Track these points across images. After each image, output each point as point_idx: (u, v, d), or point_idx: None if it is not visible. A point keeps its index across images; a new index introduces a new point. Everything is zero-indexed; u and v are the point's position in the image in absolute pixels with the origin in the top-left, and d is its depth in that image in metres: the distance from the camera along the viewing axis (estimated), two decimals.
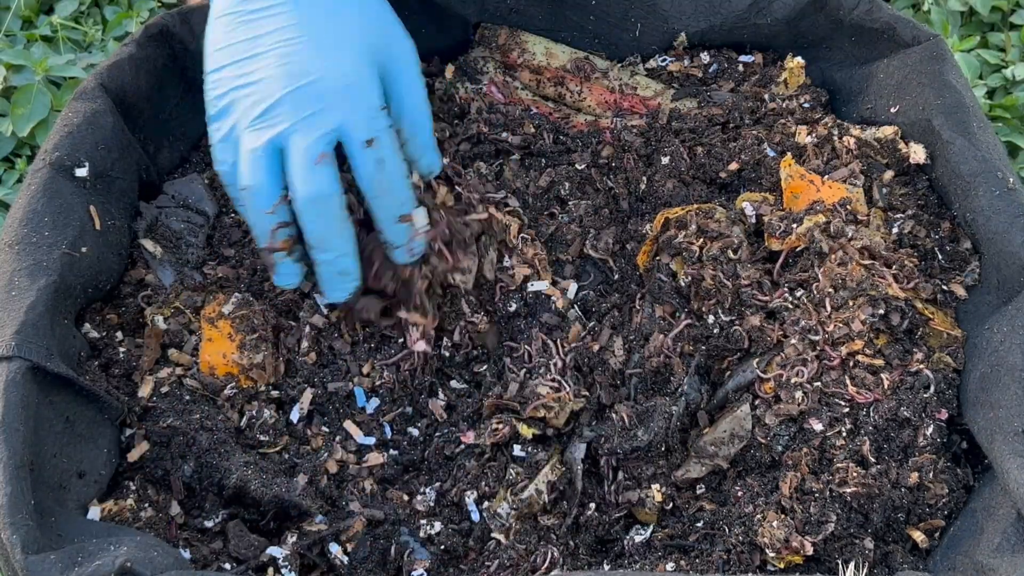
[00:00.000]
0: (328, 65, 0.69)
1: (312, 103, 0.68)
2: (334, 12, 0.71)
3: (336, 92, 0.69)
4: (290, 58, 0.69)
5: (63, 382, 0.67)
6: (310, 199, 0.68)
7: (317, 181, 0.68)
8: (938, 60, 0.83)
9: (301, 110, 0.68)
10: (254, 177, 0.69)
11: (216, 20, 0.72)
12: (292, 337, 0.78)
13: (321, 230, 0.70)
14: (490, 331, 0.79)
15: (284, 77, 0.68)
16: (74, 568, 0.57)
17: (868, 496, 0.68)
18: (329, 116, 0.68)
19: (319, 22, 0.70)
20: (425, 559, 0.70)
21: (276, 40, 0.69)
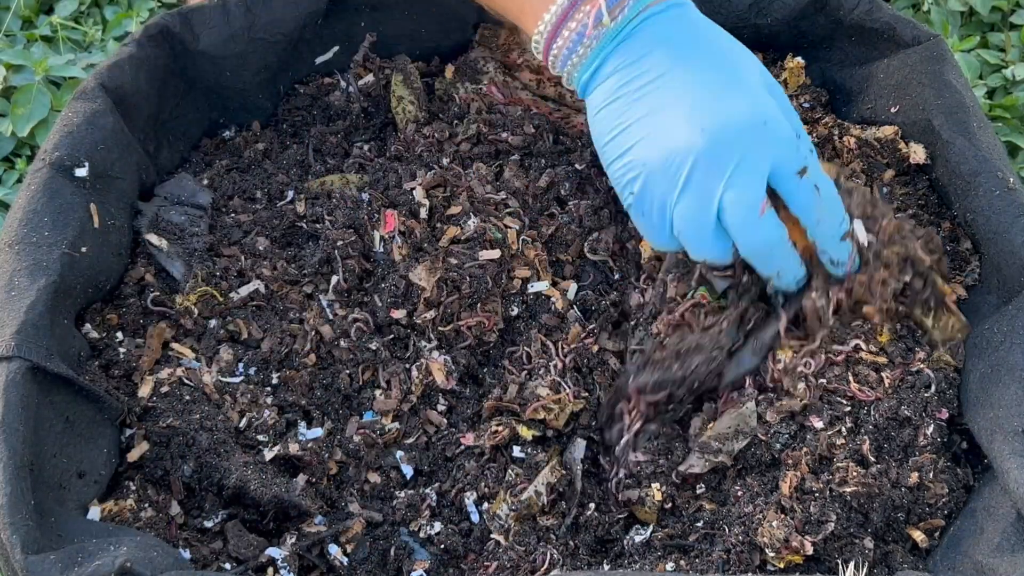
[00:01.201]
0: (738, 107, 0.66)
1: (735, 150, 0.66)
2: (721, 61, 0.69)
3: (755, 132, 0.66)
4: (700, 113, 0.66)
5: (63, 382, 0.67)
6: (764, 250, 0.68)
7: (765, 231, 0.67)
8: (938, 60, 0.83)
9: (727, 162, 0.66)
10: (703, 251, 0.69)
11: (602, 110, 0.70)
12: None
13: (776, 266, 0.70)
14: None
15: (697, 135, 0.66)
16: (74, 568, 0.57)
17: (868, 496, 0.68)
18: (757, 159, 0.66)
19: (708, 72, 0.68)
20: (425, 559, 0.70)
21: (679, 103, 0.67)
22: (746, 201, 0.66)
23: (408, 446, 0.76)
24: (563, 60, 0.71)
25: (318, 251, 0.81)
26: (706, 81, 0.67)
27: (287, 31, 0.89)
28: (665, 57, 0.68)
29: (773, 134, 0.67)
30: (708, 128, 0.66)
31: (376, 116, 0.94)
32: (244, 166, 0.90)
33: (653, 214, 0.69)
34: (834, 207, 0.70)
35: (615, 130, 0.69)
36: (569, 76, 0.72)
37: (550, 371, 0.76)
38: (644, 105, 0.68)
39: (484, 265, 0.78)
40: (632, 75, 0.68)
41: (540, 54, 0.72)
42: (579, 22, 0.69)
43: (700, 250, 0.69)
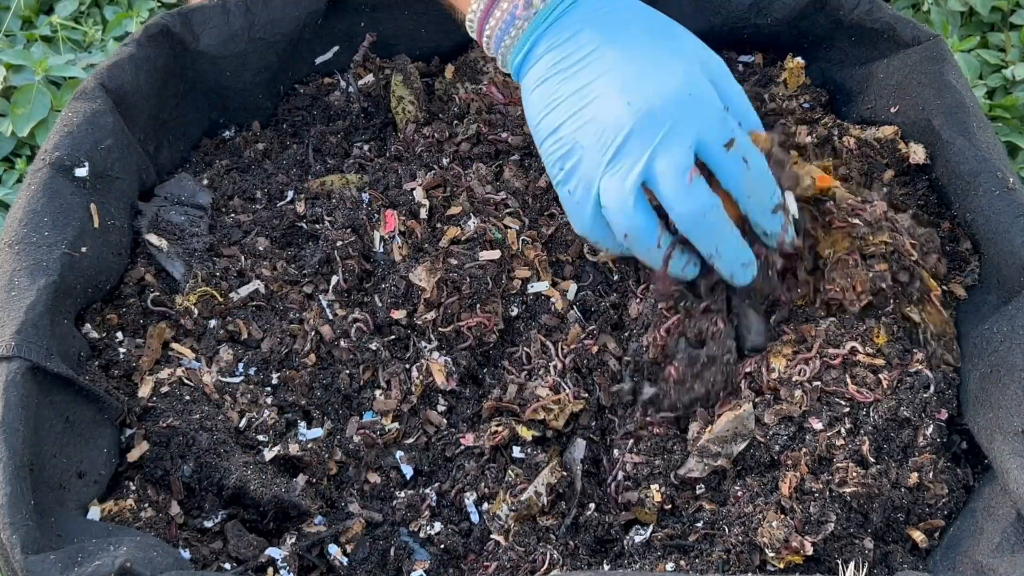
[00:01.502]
0: (665, 81, 0.67)
1: (663, 122, 0.66)
2: (652, 38, 0.70)
3: (682, 104, 0.67)
4: (625, 89, 0.67)
5: (63, 382, 0.67)
6: (695, 218, 0.68)
7: (696, 197, 0.67)
8: (938, 60, 0.83)
9: (654, 133, 0.66)
10: (631, 222, 0.68)
11: (535, 90, 0.71)
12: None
13: (713, 241, 0.69)
14: None
15: (624, 109, 0.67)
16: (74, 568, 0.57)
17: (868, 496, 0.68)
18: (684, 129, 0.66)
19: (638, 48, 0.69)
20: (425, 560, 0.70)
21: (606, 80, 0.68)
22: (674, 168, 0.66)
23: (408, 446, 0.76)
24: (496, 41, 0.72)
25: (318, 251, 0.81)
26: (635, 57, 0.68)
27: (287, 31, 0.89)
28: (596, 35, 0.69)
29: (699, 106, 0.67)
30: (634, 101, 0.67)
31: (376, 116, 0.94)
32: (244, 166, 0.90)
33: (579, 190, 0.70)
34: (764, 179, 0.70)
35: (547, 108, 0.70)
36: (503, 59, 0.73)
37: (550, 371, 0.76)
38: (575, 82, 0.69)
39: (484, 265, 0.78)
40: (564, 53, 0.69)
41: (474, 35, 0.73)
42: (511, 2, 0.70)
43: (624, 223, 0.68)
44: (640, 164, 0.67)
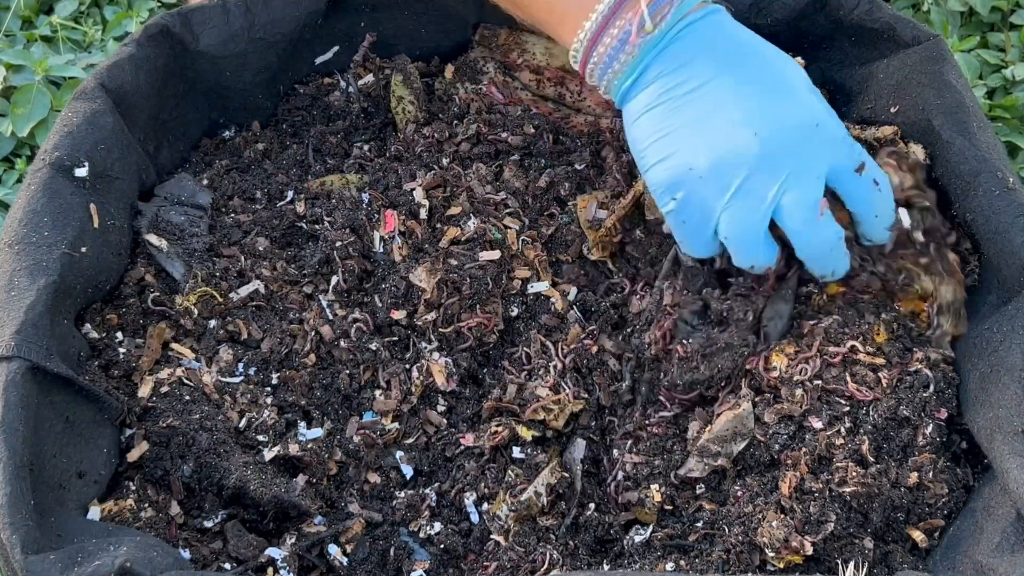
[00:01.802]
0: (790, 112, 0.67)
1: (792, 155, 0.66)
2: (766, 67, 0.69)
3: (810, 135, 0.66)
4: (749, 120, 0.66)
5: (63, 382, 0.67)
6: (824, 251, 0.69)
7: (827, 231, 0.68)
8: (938, 60, 0.83)
9: (784, 167, 0.65)
10: (758, 256, 0.69)
11: (643, 116, 0.70)
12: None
13: (832, 265, 0.71)
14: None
15: (751, 140, 0.66)
16: (74, 568, 0.57)
17: (868, 496, 0.68)
18: (815, 161, 0.66)
19: (754, 77, 0.68)
20: (425, 560, 0.70)
21: (726, 111, 0.67)
22: (806, 202, 0.66)
23: (408, 446, 0.76)
24: (603, 69, 0.70)
25: (318, 251, 0.81)
26: (753, 86, 0.67)
27: (287, 31, 0.89)
28: (709, 63, 0.68)
29: (827, 135, 0.67)
30: (762, 132, 0.66)
31: (376, 116, 0.94)
32: (244, 166, 0.90)
33: (696, 220, 0.69)
34: (889, 199, 0.71)
35: (656, 135, 0.69)
36: (608, 85, 0.71)
37: (550, 372, 0.76)
38: (690, 111, 0.68)
39: (484, 266, 0.78)
40: (676, 81, 0.68)
41: (577, 64, 0.72)
42: (621, 29, 0.69)
43: (749, 256, 0.69)
44: (770, 198, 0.66)
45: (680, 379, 0.74)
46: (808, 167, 0.66)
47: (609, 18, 0.69)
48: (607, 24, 0.69)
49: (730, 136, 0.66)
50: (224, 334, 0.78)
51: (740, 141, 0.66)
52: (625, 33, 0.69)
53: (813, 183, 0.66)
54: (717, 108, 0.67)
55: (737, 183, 0.66)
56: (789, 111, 0.67)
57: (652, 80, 0.69)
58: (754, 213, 0.67)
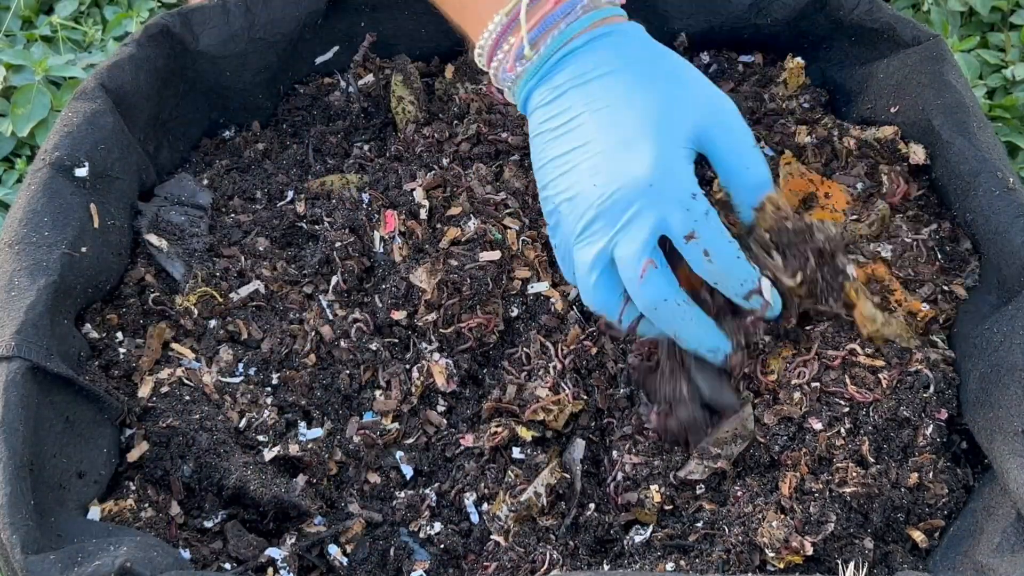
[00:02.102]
0: (632, 166, 0.66)
1: (622, 212, 0.66)
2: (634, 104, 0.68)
3: (643, 193, 0.66)
4: (597, 168, 0.67)
5: (63, 382, 0.67)
6: (650, 308, 0.68)
7: (650, 292, 0.67)
8: (938, 60, 0.83)
9: (614, 221, 0.66)
10: (594, 295, 0.70)
11: (533, 138, 0.72)
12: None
13: (673, 326, 0.69)
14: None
15: (592, 190, 0.67)
16: (74, 568, 0.57)
17: (868, 496, 0.68)
18: (642, 221, 0.66)
19: (619, 118, 0.68)
20: (425, 560, 0.70)
21: (584, 152, 0.68)
22: (628, 260, 0.67)
23: (408, 446, 0.76)
24: (499, 85, 0.73)
25: (318, 251, 0.81)
26: (609, 133, 0.68)
27: (287, 31, 0.89)
28: (578, 100, 0.69)
29: (660, 195, 0.66)
30: (600, 184, 0.67)
31: (376, 116, 0.94)
32: (244, 166, 0.90)
33: (561, 248, 0.72)
34: (730, 268, 0.68)
35: (538, 161, 0.71)
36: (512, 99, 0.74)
37: (550, 372, 0.76)
38: (557, 147, 0.70)
39: (484, 266, 0.78)
40: (550, 114, 0.70)
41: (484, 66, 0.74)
42: (506, 53, 0.71)
43: (587, 298, 0.71)
44: (601, 248, 0.68)
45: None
46: (636, 225, 0.66)
47: (498, 39, 0.71)
48: (497, 45, 0.71)
49: (579, 180, 0.68)
50: (224, 334, 0.78)
51: (585, 188, 0.68)
52: (507, 59, 0.71)
53: (638, 242, 0.66)
54: (574, 149, 0.69)
55: (579, 230, 0.68)
56: (628, 167, 0.67)
57: (536, 107, 0.71)
58: (589, 259, 0.68)
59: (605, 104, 0.68)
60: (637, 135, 0.67)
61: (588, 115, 0.69)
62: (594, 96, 0.69)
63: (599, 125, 0.68)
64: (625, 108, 0.68)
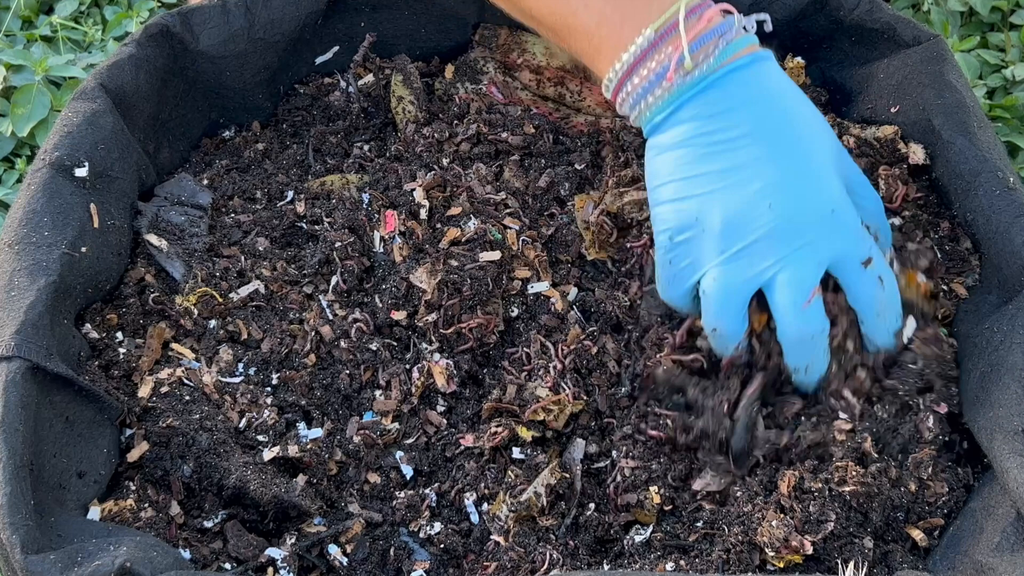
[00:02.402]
0: (812, 194, 0.65)
1: (800, 236, 0.65)
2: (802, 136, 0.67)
3: (824, 220, 0.65)
4: (770, 191, 0.65)
5: (63, 382, 0.67)
6: (803, 340, 0.67)
7: (811, 322, 0.66)
8: (938, 60, 0.83)
9: (789, 245, 0.65)
10: (725, 320, 0.67)
11: (668, 151, 0.68)
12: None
13: (807, 360, 0.68)
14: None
15: (764, 212, 0.65)
16: (74, 568, 0.57)
17: (867, 495, 0.68)
18: (821, 247, 0.65)
19: (787, 146, 0.67)
20: (425, 560, 0.70)
21: (751, 173, 0.66)
22: (799, 284, 0.65)
23: (408, 446, 0.76)
24: (635, 100, 0.69)
25: (318, 252, 0.81)
26: (782, 157, 0.66)
27: (287, 31, 0.89)
28: (746, 118, 0.67)
29: (840, 223, 0.66)
30: (777, 208, 0.65)
31: (376, 116, 0.94)
32: (244, 166, 0.90)
33: (683, 266, 0.68)
34: (894, 301, 0.69)
35: (676, 176, 0.68)
36: (639, 116, 0.70)
37: (550, 372, 0.76)
38: (716, 161, 0.67)
39: (484, 267, 0.78)
40: (709, 128, 0.67)
41: (610, 93, 0.71)
42: (659, 63, 0.67)
43: (718, 318, 0.68)
44: (763, 271, 0.65)
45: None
46: (812, 251, 0.65)
47: (647, 51, 0.68)
48: (644, 57, 0.68)
49: (746, 202, 0.66)
50: (224, 334, 0.78)
51: (754, 210, 0.65)
52: (663, 67, 0.67)
53: (812, 267, 0.66)
54: (742, 169, 0.66)
55: (737, 248, 0.66)
56: (809, 192, 0.66)
57: (685, 120, 0.68)
58: (742, 279, 0.66)
59: (777, 128, 0.67)
60: (812, 163, 0.66)
61: (759, 137, 0.66)
62: (766, 119, 0.67)
63: (773, 148, 0.66)
64: (798, 136, 0.67)
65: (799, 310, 0.66)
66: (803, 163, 0.67)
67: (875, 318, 0.69)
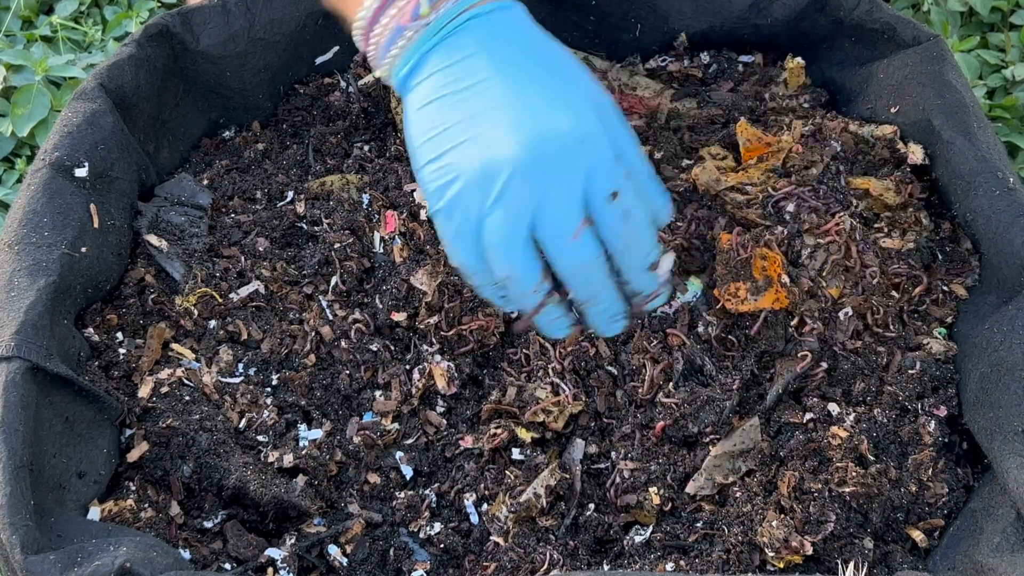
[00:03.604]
0: (556, 122, 0.64)
1: (551, 167, 0.63)
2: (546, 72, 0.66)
3: (571, 149, 0.63)
4: (515, 126, 0.63)
5: (63, 382, 0.67)
6: (578, 270, 0.65)
7: (581, 251, 0.64)
8: (938, 60, 0.83)
9: (542, 178, 0.63)
10: (511, 266, 0.65)
11: (419, 110, 0.66)
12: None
13: (591, 291, 0.66)
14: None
15: (513, 148, 0.63)
16: (74, 568, 0.57)
17: (867, 496, 0.68)
18: (572, 176, 0.63)
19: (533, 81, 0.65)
20: (425, 560, 0.70)
21: (496, 114, 0.64)
22: (560, 221, 0.64)
23: (408, 447, 0.76)
24: (381, 53, 0.68)
25: (317, 252, 0.81)
26: (529, 91, 0.65)
27: (287, 31, 0.89)
28: (490, 61, 0.65)
29: (591, 152, 0.64)
30: (525, 141, 0.63)
31: (376, 116, 0.94)
32: (244, 166, 0.90)
33: (459, 222, 0.66)
34: (642, 236, 0.67)
35: (432, 131, 0.66)
36: (388, 71, 0.69)
37: (548, 373, 0.76)
38: (463, 110, 0.65)
39: None
40: (453, 76, 0.65)
41: (361, 44, 0.69)
42: (399, 9, 0.66)
43: (506, 266, 0.65)
44: (527, 211, 0.64)
45: (670, 432, 0.74)
46: (564, 183, 0.63)
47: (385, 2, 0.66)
48: (385, 4, 0.66)
49: (497, 140, 0.64)
50: (224, 334, 0.78)
51: (505, 146, 0.63)
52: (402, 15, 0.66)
53: (570, 202, 0.64)
54: (490, 110, 0.64)
55: (497, 190, 0.64)
56: (555, 121, 0.64)
57: (431, 72, 0.66)
58: (512, 222, 0.64)
59: (519, 66, 0.65)
60: (558, 94, 0.65)
61: (501, 77, 0.65)
62: (507, 59, 0.65)
63: (517, 84, 0.64)
64: (541, 69, 0.66)
65: (568, 245, 0.64)
66: (550, 94, 0.65)
67: (622, 252, 0.66)
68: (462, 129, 0.65)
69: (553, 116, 0.64)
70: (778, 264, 0.76)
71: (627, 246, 0.66)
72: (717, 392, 0.73)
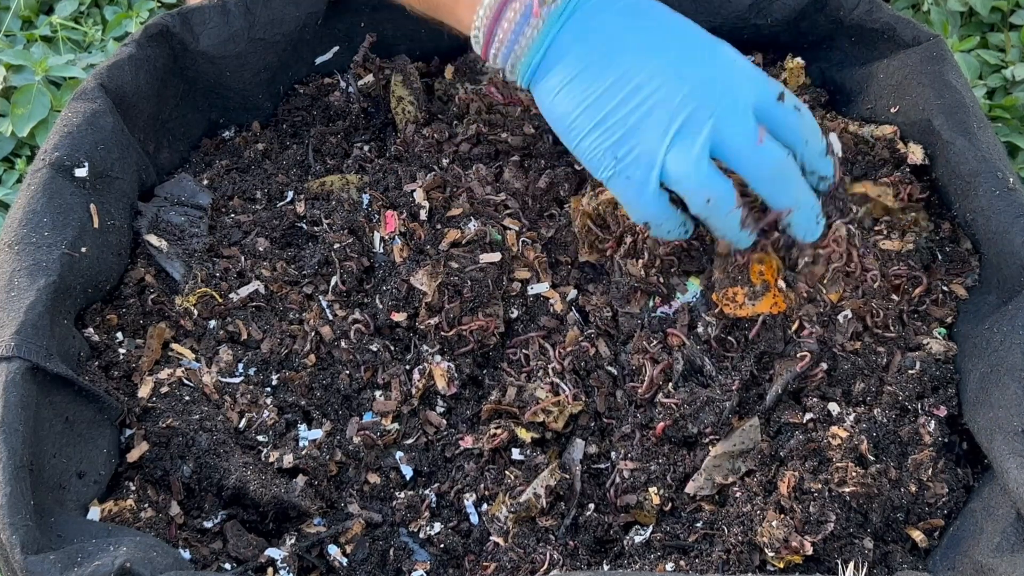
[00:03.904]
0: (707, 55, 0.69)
1: (719, 91, 0.67)
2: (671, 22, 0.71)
3: (733, 73, 0.68)
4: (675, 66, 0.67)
5: (63, 382, 0.67)
6: (775, 173, 0.69)
7: (771, 152, 0.68)
8: (938, 60, 0.83)
9: (714, 101, 0.67)
10: (710, 187, 0.68)
11: (564, 89, 0.69)
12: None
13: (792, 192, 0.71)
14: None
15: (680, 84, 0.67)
16: (74, 568, 0.57)
17: (867, 496, 0.68)
18: (742, 94, 0.68)
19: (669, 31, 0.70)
20: (424, 560, 0.70)
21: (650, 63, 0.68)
22: (743, 131, 0.67)
23: (408, 447, 0.76)
24: (508, 47, 0.69)
25: (317, 252, 0.81)
26: (668, 39, 0.69)
27: (287, 31, 0.89)
28: (622, 24, 0.68)
29: (746, 71, 0.69)
30: (690, 75, 0.67)
31: (376, 116, 0.94)
32: (244, 166, 0.90)
33: (640, 173, 0.68)
34: (814, 125, 0.71)
35: (583, 103, 0.68)
36: (515, 65, 0.70)
37: (548, 373, 0.76)
38: (612, 71, 0.68)
39: (485, 268, 0.78)
40: (590, 46, 0.68)
41: (480, 48, 0.71)
42: (521, 2, 0.68)
43: (702, 191, 0.68)
44: (706, 131, 0.67)
45: (669, 432, 0.74)
46: (736, 100, 0.67)
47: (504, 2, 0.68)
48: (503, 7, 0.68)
49: (659, 83, 0.67)
50: (224, 334, 0.78)
51: (670, 85, 0.67)
52: (527, 6, 0.68)
53: (745, 112, 0.68)
54: (639, 61, 0.68)
55: (675, 125, 0.67)
56: (707, 54, 0.69)
57: (565, 51, 0.69)
58: (693, 147, 0.67)
59: (654, 21, 0.69)
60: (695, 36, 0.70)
61: (639, 33, 0.68)
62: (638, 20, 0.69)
63: (655, 36, 0.69)
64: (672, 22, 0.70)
65: (757, 151, 0.68)
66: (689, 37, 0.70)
67: (804, 145, 0.71)
68: (618, 87, 0.68)
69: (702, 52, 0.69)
70: (775, 269, 0.76)
71: (808, 135, 0.71)
72: (717, 392, 0.73)
